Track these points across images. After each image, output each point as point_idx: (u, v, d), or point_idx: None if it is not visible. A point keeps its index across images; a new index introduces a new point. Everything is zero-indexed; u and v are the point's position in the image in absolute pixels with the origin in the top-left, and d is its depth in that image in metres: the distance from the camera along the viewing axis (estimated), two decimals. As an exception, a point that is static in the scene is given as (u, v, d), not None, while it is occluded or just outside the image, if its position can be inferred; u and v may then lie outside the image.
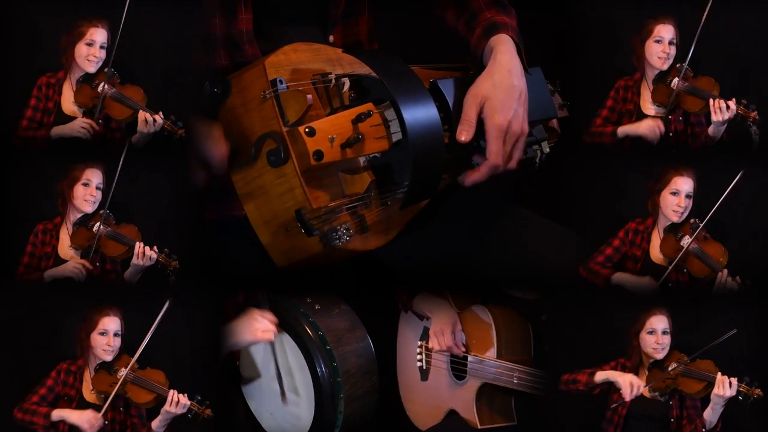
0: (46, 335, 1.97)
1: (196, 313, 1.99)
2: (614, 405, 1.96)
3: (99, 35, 1.96)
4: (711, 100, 1.98)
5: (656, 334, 1.97)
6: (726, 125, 1.99)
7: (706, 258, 1.98)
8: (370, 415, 2.21)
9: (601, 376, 1.98)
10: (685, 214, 2.00)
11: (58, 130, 1.96)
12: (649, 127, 2.03)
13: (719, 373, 1.92)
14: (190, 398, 1.94)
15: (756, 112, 1.97)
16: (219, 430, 1.98)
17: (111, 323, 1.95)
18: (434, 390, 2.51)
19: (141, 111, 1.96)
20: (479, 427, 2.39)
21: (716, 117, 1.98)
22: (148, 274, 1.97)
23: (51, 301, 1.96)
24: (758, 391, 1.91)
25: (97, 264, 1.97)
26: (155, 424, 1.95)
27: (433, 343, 2.47)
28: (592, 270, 2.02)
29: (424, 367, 2.52)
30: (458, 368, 2.45)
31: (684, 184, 2.00)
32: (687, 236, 2.00)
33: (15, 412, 1.93)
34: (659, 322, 1.97)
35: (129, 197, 1.98)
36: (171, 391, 1.94)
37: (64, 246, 1.97)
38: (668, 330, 1.97)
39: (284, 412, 2.22)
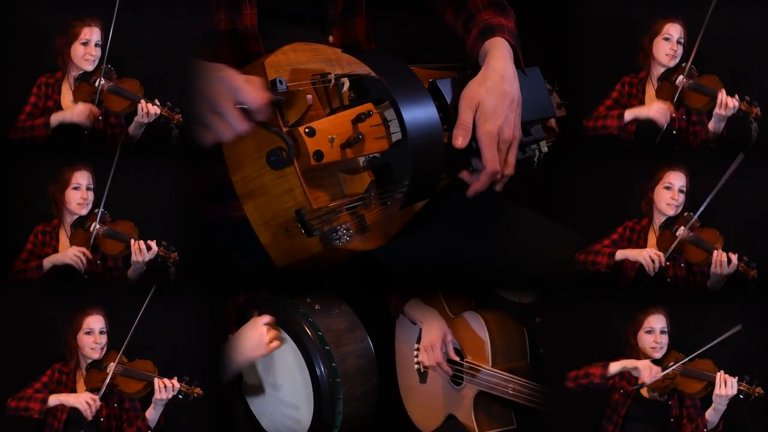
0: (38, 336, 1.98)
1: (195, 312, 2.00)
2: (633, 388, 1.96)
3: (93, 34, 1.98)
4: (719, 93, 1.99)
5: (654, 333, 1.97)
6: (726, 121, 1.99)
7: (702, 243, 1.99)
8: (369, 416, 2.20)
9: (616, 366, 1.98)
10: (680, 208, 2.01)
11: (59, 116, 1.97)
12: (659, 110, 2.03)
13: (719, 373, 1.93)
14: (177, 381, 1.96)
15: (758, 109, 1.98)
16: (211, 407, 1.99)
17: (95, 322, 1.97)
18: (433, 393, 2.51)
19: (139, 103, 1.97)
20: (477, 433, 2.40)
21: (719, 111, 1.98)
22: (150, 269, 1.98)
23: (41, 301, 1.98)
24: (759, 390, 1.91)
25: (98, 262, 1.98)
26: (149, 413, 1.96)
27: (422, 358, 2.47)
28: (592, 251, 2.02)
29: (422, 370, 2.52)
30: (455, 374, 2.45)
31: (676, 179, 2.01)
32: (682, 227, 2.00)
33: (9, 401, 1.94)
34: (657, 322, 1.98)
35: (127, 198, 1.99)
36: (156, 379, 1.95)
37: (65, 248, 1.98)
38: (666, 329, 1.97)
39: (283, 413, 2.22)
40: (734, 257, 1.97)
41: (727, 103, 1.99)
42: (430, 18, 2.13)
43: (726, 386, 1.91)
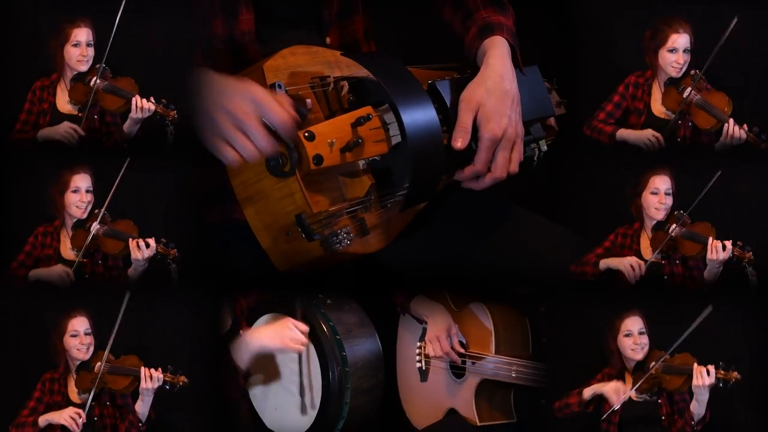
0: (29, 340, 1.99)
1: (195, 312, 2.00)
2: (606, 415, 1.97)
3: (83, 35, 1.97)
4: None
5: (633, 336, 1.98)
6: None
7: (696, 236, 1.99)
8: (373, 413, 2.22)
9: (588, 392, 1.99)
10: (668, 211, 2.01)
11: (44, 133, 1.97)
12: (647, 137, 2.03)
13: (695, 364, 1.93)
14: (162, 371, 1.96)
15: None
16: (198, 392, 1.99)
17: (80, 324, 1.97)
18: (434, 390, 2.52)
19: (133, 98, 1.96)
20: (478, 424, 2.40)
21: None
22: (151, 267, 1.98)
23: (29, 304, 1.98)
24: (735, 374, 1.90)
25: (99, 262, 1.98)
26: (138, 405, 1.97)
27: (429, 350, 2.48)
28: (582, 261, 2.03)
29: (423, 368, 2.53)
30: (457, 367, 2.46)
31: (662, 183, 2.01)
32: (674, 225, 2.00)
33: (10, 428, 1.96)
34: (634, 324, 1.98)
35: (126, 198, 1.98)
36: (143, 369, 1.96)
37: (66, 248, 1.99)
38: (644, 330, 1.98)
39: (289, 407, 2.22)
40: (728, 243, 1.97)
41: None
42: (429, 18, 2.12)
43: (702, 376, 1.91)
